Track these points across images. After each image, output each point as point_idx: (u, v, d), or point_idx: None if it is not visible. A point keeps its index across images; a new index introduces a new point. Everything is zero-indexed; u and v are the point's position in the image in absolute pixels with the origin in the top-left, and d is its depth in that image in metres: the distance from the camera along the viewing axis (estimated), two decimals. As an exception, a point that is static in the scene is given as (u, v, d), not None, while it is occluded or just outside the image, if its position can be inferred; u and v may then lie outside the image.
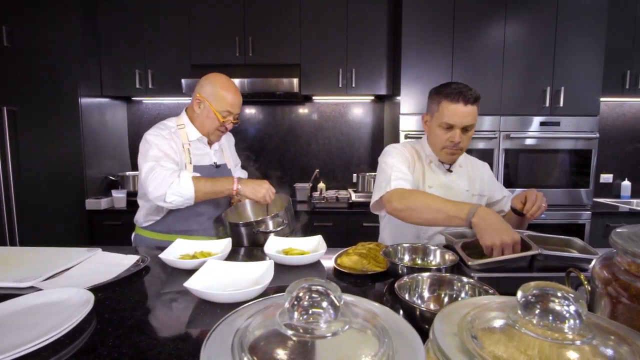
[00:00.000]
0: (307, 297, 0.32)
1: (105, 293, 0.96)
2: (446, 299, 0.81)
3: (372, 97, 3.32)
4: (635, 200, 3.25)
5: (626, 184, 3.33)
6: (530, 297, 0.33)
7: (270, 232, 1.43)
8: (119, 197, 2.83)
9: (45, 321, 0.78)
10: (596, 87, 2.77)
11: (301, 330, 0.31)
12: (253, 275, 1.02)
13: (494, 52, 2.75)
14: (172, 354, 0.68)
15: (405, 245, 1.14)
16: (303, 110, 3.44)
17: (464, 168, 1.54)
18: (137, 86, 2.98)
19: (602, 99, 2.82)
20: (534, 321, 0.32)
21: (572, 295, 0.32)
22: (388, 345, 0.30)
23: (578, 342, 0.30)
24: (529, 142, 2.80)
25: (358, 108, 3.43)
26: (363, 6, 2.98)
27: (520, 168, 2.83)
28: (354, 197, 3.05)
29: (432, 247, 1.11)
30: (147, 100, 3.35)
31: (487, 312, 0.37)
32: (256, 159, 3.42)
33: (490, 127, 2.80)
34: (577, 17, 2.71)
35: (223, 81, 1.54)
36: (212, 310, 0.86)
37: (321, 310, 0.31)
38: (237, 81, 2.90)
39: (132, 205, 2.85)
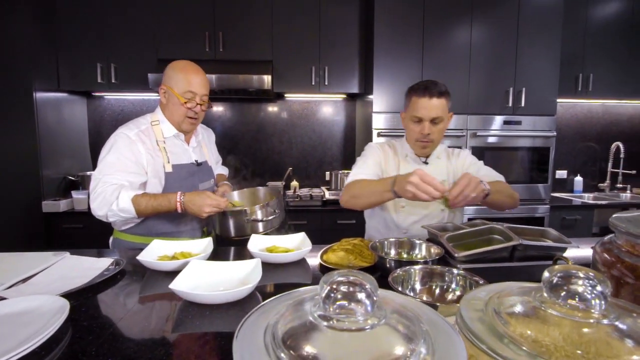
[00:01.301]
0: (343, 288, 0.31)
1: (80, 299, 0.90)
2: (437, 291, 0.82)
3: (344, 96, 3.34)
4: (586, 194, 3.50)
5: (578, 179, 3.58)
6: (556, 279, 0.34)
7: (262, 220, 1.39)
8: (80, 198, 2.66)
9: (17, 332, 0.71)
10: (553, 88, 2.95)
11: (337, 322, 0.30)
12: (239, 274, 0.99)
13: (461, 53, 2.85)
14: (163, 360, 0.65)
15: (391, 239, 1.15)
16: (275, 107, 3.40)
17: (441, 160, 1.60)
18: (99, 80, 2.81)
19: (558, 100, 3.01)
20: (561, 302, 0.33)
21: (597, 277, 0.33)
22: (427, 336, 0.30)
23: (605, 322, 0.31)
24: (493, 140, 2.93)
25: (330, 106, 3.44)
26: (334, 4, 2.99)
27: (485, 165, 2.95)
28: (328, 195, 3.05)
29: (418, 241, 1.13)
30: (110, 96, 3.17)
31: (509, 297, 0.37)
32: (227, 157, 3.33)
33: (458, 126, 2.90)
34: (536, 22, 2.86)
35: (182, 63, 1.47)
36: (201, 312, 0.82)
37: (357, 303, 0.31)
38: (208, 77, 2.82)
39: (95, 206, 2.69)
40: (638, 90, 3.26)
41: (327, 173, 3.46)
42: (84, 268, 1.08)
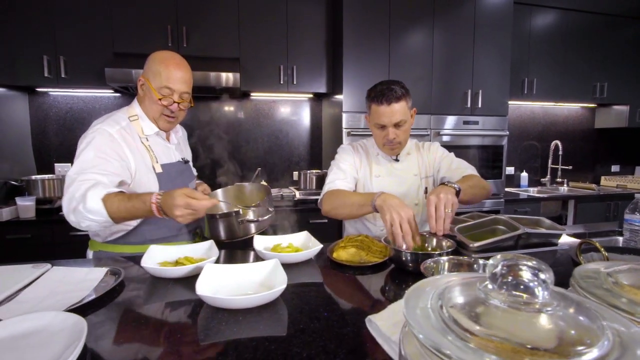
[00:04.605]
0: (517, 272, 0.31)
1: (87, 314, 0.80)
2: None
3: (311, 95, 3.34)
4: (531, 189, 3.84)
5: (524, 175, 3.92)
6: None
7: (255, 221, 1.31)
8: (26, 205, 2.37)
9: (31, 356, 0.62)
10: (505, 91, 3.19)
11: (513, 304, 0.30)
12: (258, 276, 0.95)
13: (425, 56, 2.98)
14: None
15: (402, 234, 1.17)
16: (240, 106, 3.31)
17: (412, 155, 1.64)
18: (46, 75, 2.53)
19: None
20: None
21: None
22: (607, 323, 0.30)
23: None
24: (454, 139, 3.10)
25: (295, 106, 3.42)
26: (301, 3, 2.97)
27: (448, 162, 3.11)
28: (298, 195, 3.03)
29: (427, 235, 1.16)
30: (56, 92, 2.87)
31: (619, 273, 0.40)
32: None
33: (422, 125, 3.03)
34: (489, 29, 3.08)
35: (163, 55, 1.33)
36: (234, 318, 0.77)
37: (532, 286, 0.31)
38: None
39: (44, 214, 2.43)
40: (572, 93, 3.65)
41: (295, 173, 3.43)
42: (75, 281, 0.96)
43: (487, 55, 3.11)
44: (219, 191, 1.63)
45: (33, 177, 2.59)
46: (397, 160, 1.60)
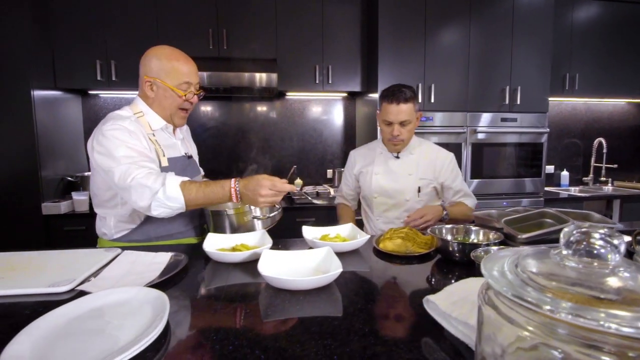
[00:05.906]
0: (592, 238, 0.35)
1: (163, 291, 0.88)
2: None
3: (345, 94, 3.39)
4: (572, 188, 3.70)
5: (565, 174, 3.78)
6: None
7: (263, 218, 1.36)
8: (80, 199, 2.55)
9: (125, 322, 0.70)
10: (545, 87, 3.11)
11: (587, 264, 0.34)
12: (311, 262, 1.01)
13: (461, 53, 2.96)
14: (313, 335, 0.66)
15: (447, 226, 1.20)
16: (274, 106, 3.40)
17: (414, 156, 1.76)
18: (99, 78, 2.71)
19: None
20: None
21: None
22: None
23: None
24: (491, 136, 3.05)
25: (329, 104, 3.47)
26: (336, 4, 3.02)
27: (485, 160, 3.07)
28: (333, 192, 3.08)
29: (473, 228, 1.18)
30: (105, 94, 3.06)
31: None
32: (227, 157, 3.30)
33: (458, 123, 3.00)
34: (528, 24, 3.01)
35: (166, 51, 1.33)
36: (295, 298, 0.83)
37: (607, 250, 0.34)
38: (212, 74, 2.79)
39: (97, 208, 2.60)
40: (618, 89, 3.49)
41: (329, 171, 3.49)
42: (146, 263, 1.05)
43: (527, 51, 3.04)
44: None
45: (86, 173, 2.78)
46: (397, 157, 1.74)
